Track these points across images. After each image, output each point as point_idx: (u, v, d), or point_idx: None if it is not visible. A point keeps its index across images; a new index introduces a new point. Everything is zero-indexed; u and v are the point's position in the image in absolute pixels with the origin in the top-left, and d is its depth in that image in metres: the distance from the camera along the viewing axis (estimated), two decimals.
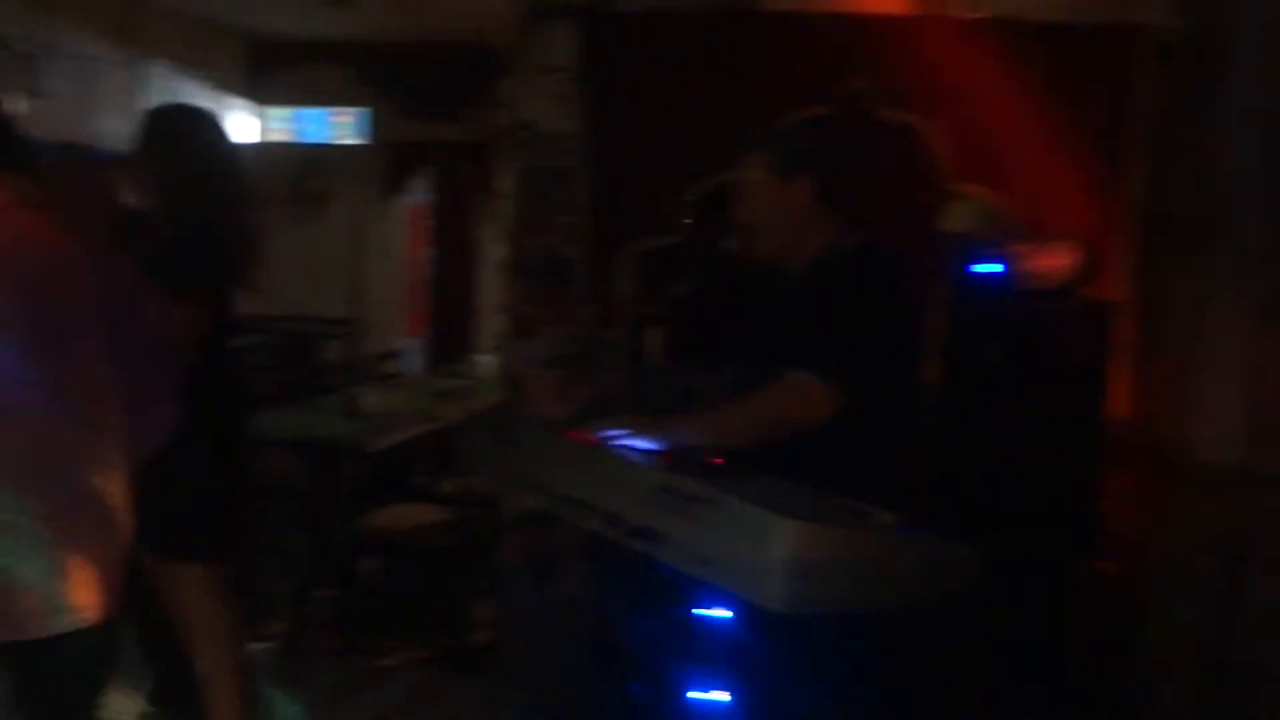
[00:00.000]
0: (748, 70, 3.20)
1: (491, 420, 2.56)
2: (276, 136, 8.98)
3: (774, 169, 2.16)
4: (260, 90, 8.71)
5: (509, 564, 3.46)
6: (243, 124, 8.61)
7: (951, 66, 3.09)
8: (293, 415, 4.38)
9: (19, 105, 6.05)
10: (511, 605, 3.45)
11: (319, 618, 3.92)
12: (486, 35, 5.72)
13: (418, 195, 9.18)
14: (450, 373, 5.93)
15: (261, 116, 8.84)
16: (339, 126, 8.97)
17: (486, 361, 5.58)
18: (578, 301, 3.43)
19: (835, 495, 1.93)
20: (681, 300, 2.69)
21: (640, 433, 1.98)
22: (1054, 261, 3.10)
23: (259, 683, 2.72)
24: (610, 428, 2.09)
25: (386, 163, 8.68)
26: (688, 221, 3.16)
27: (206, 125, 2.61)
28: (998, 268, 3.09)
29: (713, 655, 2.29)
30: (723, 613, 2.24)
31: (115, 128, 7.09)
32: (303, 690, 3.51)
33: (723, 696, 2.31)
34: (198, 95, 7.88)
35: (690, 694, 2.34)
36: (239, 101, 8.51)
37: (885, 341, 2.10)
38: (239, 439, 2.63)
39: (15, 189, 1.72)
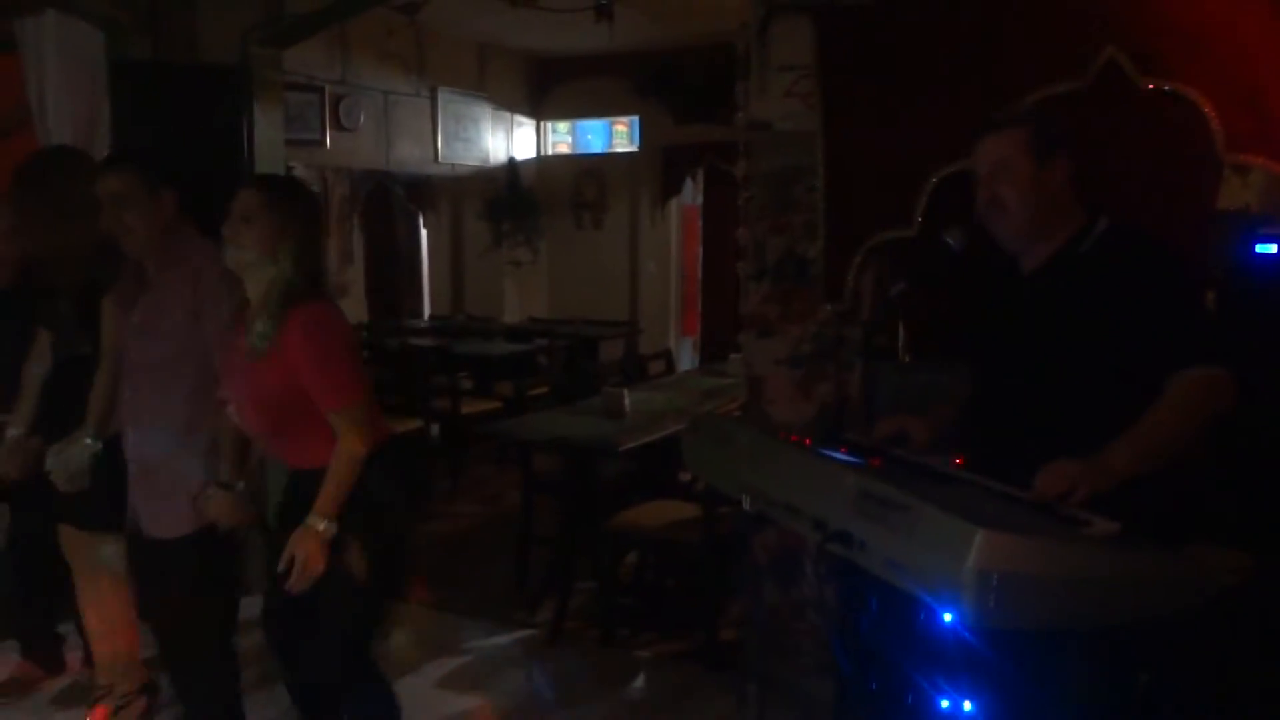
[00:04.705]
0: (984, 54, 3.03)
1: (709, 423, 2.59)
2: (558, 149, 9.50)
3: (1032, 148, 2.14)
4: (540, 106, 9.24)
5: (755, 562, 3.48)
6: (526, 139, 9.18)
7: (1220, 23, 2.78)
8: (559, 416, 4.64)
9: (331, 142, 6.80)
10: (757, 602, 3.48)
11: (580, 609, 4.13)
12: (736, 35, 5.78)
13: (689, 197, 9.39)
14: (715, 371, 6.03)
15: (542, 131, 9.37)
16: (617, 135, 9.35)
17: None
18: (817, 301, 3.40)
19: (1060, 505, 1.82)
20: (911, 296, 2.60)
21: (1081, 479, 1.85)
22: None
23: None
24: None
25: (659, 167, 8.96)
26: (921, 217, 3.05)
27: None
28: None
29: (952, 658, 2.21)
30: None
31: (413, 153, 7.81)
32: (561, 677, 3.73)
33: (965, 703, 2.22)
34: (484, 115, 8.50)
35: (933, 696, 2.26)
36: (522, 119, 9.08)
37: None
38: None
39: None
